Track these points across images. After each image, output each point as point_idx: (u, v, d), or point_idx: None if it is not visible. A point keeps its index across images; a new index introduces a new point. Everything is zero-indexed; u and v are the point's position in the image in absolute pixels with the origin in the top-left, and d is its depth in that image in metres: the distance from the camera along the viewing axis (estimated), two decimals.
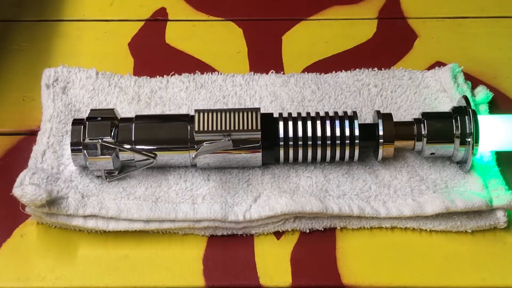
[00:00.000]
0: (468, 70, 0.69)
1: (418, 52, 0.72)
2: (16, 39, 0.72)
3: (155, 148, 0.59)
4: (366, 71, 0.68)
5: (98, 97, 0.65)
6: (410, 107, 0.65)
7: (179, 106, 0.65)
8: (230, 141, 0.58)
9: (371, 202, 0.59)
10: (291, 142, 0.59)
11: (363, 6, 0.76)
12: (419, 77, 0.67)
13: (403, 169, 0.61)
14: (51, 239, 0.58)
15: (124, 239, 0.58)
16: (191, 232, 0.58)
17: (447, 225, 0.58)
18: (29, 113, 0.66)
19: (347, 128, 0.59)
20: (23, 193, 0.55)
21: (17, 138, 0.64)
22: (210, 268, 0.56)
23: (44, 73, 0.66)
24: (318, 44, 0.73)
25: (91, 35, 0.73)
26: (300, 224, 0.58)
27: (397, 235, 0.59)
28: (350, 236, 0.59)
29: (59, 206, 0.57)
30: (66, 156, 0.61)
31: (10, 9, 0.75)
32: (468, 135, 0.59)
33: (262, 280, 0.56)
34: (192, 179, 0.60)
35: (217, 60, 0.70)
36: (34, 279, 0.56)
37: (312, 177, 0.60)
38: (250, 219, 0.58)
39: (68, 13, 0.75)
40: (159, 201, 0.58)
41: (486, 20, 0.75)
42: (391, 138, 0.59)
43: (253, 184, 0.60)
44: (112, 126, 0.59)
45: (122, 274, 0.56)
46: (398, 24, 0.75)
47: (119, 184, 0.60)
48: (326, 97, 0.66)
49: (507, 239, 0.58)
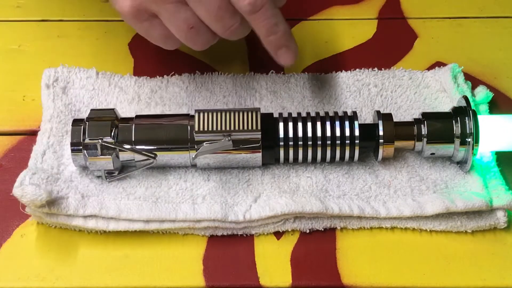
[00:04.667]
0: (468, 70, 0.69)
1: (418, 52, 0.72)
2: (16, 39, 0.72)
3: (155, 148, 0.59)
4: (366, 71, 0.68)
5: (98, 97, 0.65)
6: (410, 107, 0.65)
7: (179, 106, 0.65)
8: (230, 141, 0.58)
9: (371, 202, 0.59)
10: (291, 142, 0.59)
11: (363, 6, 0.76)
12: (419, 77, 0.67)
13: (403, 169, 0.61)
14: (51, 239, 0.58)
15: (124, 239, 0.58)
16: (191, 232, 0.58)
17: (447, 225, 0.58)
18: (29, 113, 0.66)
19: (347, 128, 0.59)
20: (23, 193, 0.55)
21: (17, 138, 0.64)
22: (210, 268, 0.56)
23: (44, 73, 0.66)
24: (318, 44, 0.73)
25: (91, 35, 0.73)
26: (300, 224, 0.58)
27: (397, 235, 0.59)
28: (350, 236, 0.59)
29: (59, 206, 0.57)
30: (66, 156, 0.61)
31: (10, 9, 0.75)
32: (468, 135, 0.59)
33: (262, 280, 0.56)
34: (192, 179, 0.60)
35: (217, 60, 0.70)
36: (34, 279, 0.56)
37: (312, 177, 0.60)
38: (250, 219, 0.58)
39: (68, 13, 0.75)
40: (159, 201, 0.58)
41: (486, 20, 0.75)
42: (391, 138, 0.59)
43: (253, 184, 0.60)
44: (112, 126, 0.59)
45: (122, 274, 0.56)
46: (398, 24, 0.75)
47: (119, 184, 0.60)
48: (326, 97, 0.66)
49: (507, 239, 0.58)
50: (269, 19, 0.57)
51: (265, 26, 0.57)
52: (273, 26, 0.58)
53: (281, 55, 0.59)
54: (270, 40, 0.58)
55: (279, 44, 0.59)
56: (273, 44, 0.59)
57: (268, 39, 0.58)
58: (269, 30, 0.58)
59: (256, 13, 0.56)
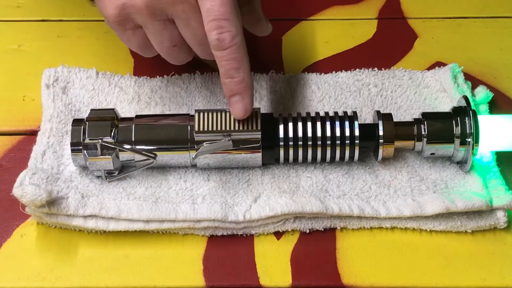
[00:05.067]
0: (468, 70, 0.69)
1: (418, 52, 0.72)
2: (16, 39, 0.72)
3: (155, 148, 0.59)
4: (366, 71, 0.68)
5: (98, 97, 0.65)
6: (410, 107, 0.65)
7: (179, 106, 0.65)
8: (230, 141, 0.58)
9: (371, 202, 0.59)
10: (291, 142, 0.59)
11: (363, 6, 0.76)
12: (419, 77, 0.67)
13: (403, 169, 0.61)
14: (51, 239, 0.58)
15: (124, 239, 0.58)
16: (191, 232, 0.58)
17: (447, 225, 0.58)
18: (29, 113, 0.66)
19: (347, 128, 0.59)
20: (23, 193, 0.55)
21: (17, 138, 0.64)
22: (210, 268, 0.56)
23: (44, 73, 0.66)
24: (318, 44, 0.73)
25: (91, 35, 0.73)
26: (300, 224, 0.58)
27: (397, 235, 0.59)
28: (350, 236, 0.59)
29: (59, 206, 0.57)
30: (66, 156, 0.61)
31: (10, 9, 0.75)
32: (468, 135, 0.59)
33: (262, 280, 0.56)
34: (192, 179, 0.60)
35: None
36: (34, 279, 0.56)
37: (312, 177, 0.60)
38: (250, 219, 0.58)
39: (68, 13, 0.75)
40: (159, 201, 0.58)
41: (486, 20, 0.75)
42: (391, 138, 0.59)
43: (253, 184, 0.60)
44: (112, 126, 0.59)
45: (122, 274, 0.56)
46: (398, 24, 0.75)
47: (119, 184, 0.60)
48: (326, 97, 0.66)
49: (507, 239, 0.58)
50: (232, 62, 0.56)
51: (225, 67, 0.56)
52: (233, 69, 0.56)
53: (232, 103, 0.57)
54: (226, 82, 0.57)
55: (233, 90, 0.57)
56: (227, 88, 0.57)
57: (224, 81, 0.57)
58: (227, 72, 0.56)
59: (221, 51, 0.55)
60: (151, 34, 0.58)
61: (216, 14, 0.55)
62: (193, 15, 0.56)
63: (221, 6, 0.54)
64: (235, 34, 0.55)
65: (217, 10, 0.55)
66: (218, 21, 0.55)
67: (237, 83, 0.57)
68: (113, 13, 0.57)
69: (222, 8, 0.55)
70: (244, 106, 0.57)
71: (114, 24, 0.58)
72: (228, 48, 0.55)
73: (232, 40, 0.55)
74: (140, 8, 0.56)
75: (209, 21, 0.55)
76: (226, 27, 0.55)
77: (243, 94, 0.57)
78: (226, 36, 0.55)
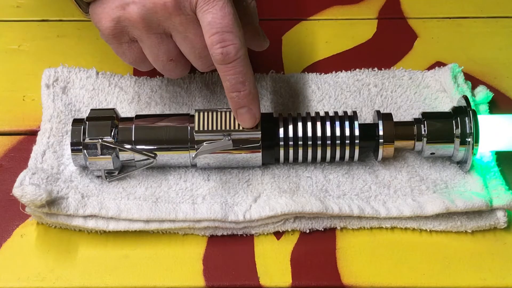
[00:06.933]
0: (468, 70, 0.69)
1: (418, 52, 0.72)
2: (16, 39, 0.72)
3: (155, 148, 0.59)
4: (366, 71, 0.68)
5: (98, 97, 0.65)
6: (410, 107, 0.65)
7: (179, 106, 0.65)
8: (230, 141, 0.58)
9: (371, 202, 0.59)
10: (291, 142, 0.59)
11: (363, 6, 0.76)
12: (419, 77, 0.67)
13: (403, 169, 0.61)
14: (51, 239, 0.58)
15: (124, 239, 0.58)
16: (191, 232, 0.58)
17: (447, 225, 0.58)
18: (29, 113, 0.66)
19: (347, 128, 0.59)
20: (23, 193, 0.55)
21: (17, 138, 0.64)
22: (210, 268, 0.57)
23: (44, 73, 0.66)
24: (318, 44, 0.73)
25: (91, 35, 0.73)
26: (300, 224, 0.58)
27: (397, 235, 0.59)
28: (350, 236, 0.59)
29: (59, 206, 0.57)
30: (66, 156, 0.61)
31: (10, 9, 0.75)
32: (468, 135, 0.59)
33: (262, 280, 0.56)
34: (192, 179, 0.60)
35: None
36: (34, 279, 0.56)
37: (312, 177, 0.60)
38: (250, 219, 0.58)
39: (68, 13, 0.75)
40: (159, 201, 0.58)
41: (486, 20, 0.75)
42: (391, 138, 0.59)
43: (253, 184, 0.60)
44: (112, 126, 0.59)
45: (122, 274, 0.56)
46: (398, 24, 0.75)
47: (119, 184, 0.60)
48: (326, 97, 0.66)
49: (507, 239, 0.58)
50: (237, 75, 0.55)
51: (231, 81, 0.56)
52: (239, 83, 0.56)
53: (241, 114, 0.57)
54: (233, 96, 0.56)
55: (241, 103, 0.56)
56: (234, 101, 0.56)
57: (231, 95, 0.56)
58: (234, 86, 0.56)
59: (226, 65, 0.55)
60: (147, 48, 0.58)
61: (219, 26, 0.54)
62: (191, 28, 0.55)
63: (223, 19, 0.54)
64: (239, 47, 0.54)
65: (220, 22, 0.54)
66: (221, 34, 0.54)
67: (244, 97, 0.56)
68: (109, 26, 0.57)
69: (225, 20, 0.54)
70: (252, 116, 0.57)
71: (109, 37, 0.57)
72: (233, 62, 0.55)
73: (237, 53, 0.54)
74: (136, 21, 0.56)
75: (211, 34, 0.54)
76: (230, 39, 0.54)
77: (250, 105, 0.57)
78: (230, 50, 0.54)
